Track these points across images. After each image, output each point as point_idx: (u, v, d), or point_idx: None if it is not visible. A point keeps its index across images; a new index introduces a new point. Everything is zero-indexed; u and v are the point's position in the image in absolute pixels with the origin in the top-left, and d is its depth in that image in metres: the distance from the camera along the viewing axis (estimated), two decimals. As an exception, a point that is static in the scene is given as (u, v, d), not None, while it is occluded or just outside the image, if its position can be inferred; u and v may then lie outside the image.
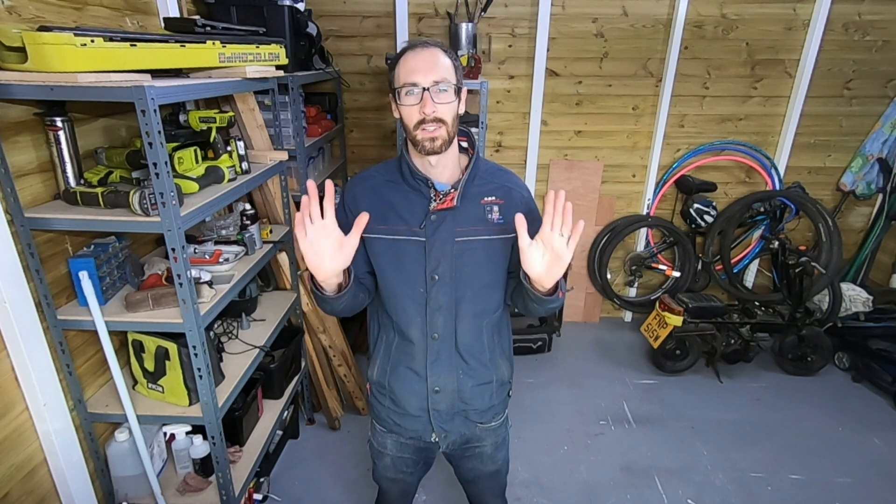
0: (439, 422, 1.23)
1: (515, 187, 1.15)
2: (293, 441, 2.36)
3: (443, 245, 1.09)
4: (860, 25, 2.86)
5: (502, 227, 1.11)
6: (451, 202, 1.08)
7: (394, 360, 1.21)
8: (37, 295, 1.36)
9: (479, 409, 1.24)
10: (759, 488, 2.14)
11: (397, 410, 1.24)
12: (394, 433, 1.29)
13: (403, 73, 1.02)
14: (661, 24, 2.87)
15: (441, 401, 1.20)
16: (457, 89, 1.04)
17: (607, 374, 2.92)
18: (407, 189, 1.11)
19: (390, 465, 1.35)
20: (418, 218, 1.09)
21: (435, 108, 1.00)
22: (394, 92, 1.05)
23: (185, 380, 1.51)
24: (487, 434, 1.30)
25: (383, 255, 1.13)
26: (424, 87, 1.00)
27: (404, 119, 1.04)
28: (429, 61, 1.01)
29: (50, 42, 1.06)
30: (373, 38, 2.89)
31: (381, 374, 1.23)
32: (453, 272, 1.10)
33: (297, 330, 2.24)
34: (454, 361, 1.18)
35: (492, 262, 1.13)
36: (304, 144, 2.21)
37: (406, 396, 1.21)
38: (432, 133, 1.02)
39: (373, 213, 1.10)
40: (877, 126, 3.05)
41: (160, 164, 1.20)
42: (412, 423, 1.24)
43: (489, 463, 1.35)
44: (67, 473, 1.46)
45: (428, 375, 1.18)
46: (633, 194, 3.27)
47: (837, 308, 2.91)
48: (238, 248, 1.80)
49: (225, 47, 1.54)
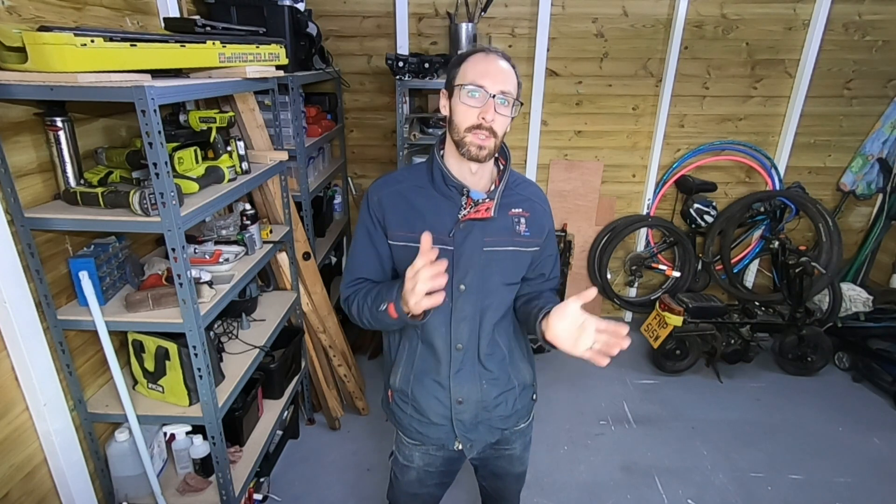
0: (463, 431, 1.21)
1: (539, 201, 1.17)
2: (293, 441, 2.36)
3: (471, 255, 1.08)
4: (860, 25, 2.86)
5: (528, 239, 1.12)
6: (488, 212, 1.06)
7: (417, 368, 1.18)
8: (37, 295, 1.35)
9: (503, 415, 1.23)
10: (759, 488, 2.14)
11: (420, 419, 1.22)
12: (419, 443, 1.26)
13: (473, 73, 1.01)
14: (661, 24, 2.87)
15: (464, 411, 1.18)
16: (514, 107, 1.04)
17: (607, 374, 2.92)
18: (437, 196, 1.09)
19: (415, 480, 1.31)
20: (447, 226, 1.07)
21: (494, 117, 1.00)
22: (452, 88, 1.04)
23: (185, 380, 1.51)
24: (517, 436, 1.30)
25: (410, 263, 1.10)
26: (491, 93, 0.99)
27: (457, 118, 1.03)
28: (503, 70, 1.02)
29: (50, 42, 1.06)
30: (373, 38, 2.89)
31: (403, 382, 1.20)
32: (480, 282, 1.10)
33: (297, 330, 2.24)
34: (477, 371, 1.17)
35: (515, 272, 1.14)
36: (304, 144, 2.21)
37: (429, 405, 1.19)
38: (482, 141, 1.01)
39: (399, 219, 1.09)
40: (877, 126, 3.05)
41: (160, 164, 1.20)
42: (435, 431, 1.22)
43: (517, 464, 1.35)
44: (67, 473, 1.46)
45: (451, 386, 1.16)
46: (633, 194, 3.27)
47: (837, 308, 2.91)
48: (238, 248, 1.80)
49: (225, 47, 1.54)
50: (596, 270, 3.28)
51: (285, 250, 2.14)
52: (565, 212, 3.26)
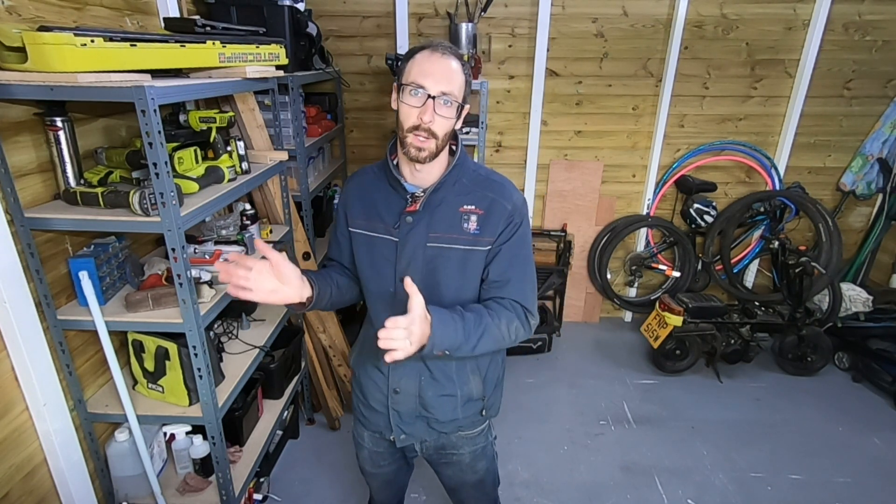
0: (398, 422, 1.22)
1: (500, 199, 1.09)
2: (293, 441, 2.36)
3: (414, 248, 1.08)
4: (860, 25, 2.86)
5: (477, 238, 1.08)
6: (415, 206, 1.07)
7: (364, 352, 1.26)
8: (37, 295, 1.36)
9: (440, 419, 1.21)
10: (759, 488, 2.14)
11: (364, 402, 1.28)
12: (364, 426, 1.31)
13: (416, 72, 0.99)
14: (661, 24, 2.87)
15: (401, 402, 1.20)
16: (459, 108, 1.03)
17: (607, 374, 2.92)
18: (388, 188, 1.12)
19: (367, 457, 1.37)
20: (394, 218, 1.10)
21: (433, 118, 0.99)
22: (400, 86, 1.03)
23: (185, 380, 1.51)
24: (464, 442, 1.28)
25: (361, 250, 1.16)
26: (431, 94, 0.98)
27: (401, 116, 1.03)
28: (444, 70, 0.99)
29: (50, 42, 1.06)
30: (373, 38, 2.89)
31: (355, 363, 1.30)
32: (424, 277, 1.09)
33: (297, 330, 2.24)
34: (416, 366, 1.16)
35: (464, 273, 1.10)
36: (304, 144, 2.21)
37: (370, 390, 1.25)
38: (421, 143, 1.01)
39: (358, 209, 1.15)
40: (877, 126, 3.05)
41: (160, 164, 1.20)
42: (375, 416, 1.26)
43: (469, 472, 1.33)
44: (67, 473, 1.46)
45: (389, 374, 1.19)
46: (633, 194, 3.27)
47: (837, 308, 2.91)
48: (238, 249, 1.79)
49: (225, 47, 1.54)
50: (596, 270, 3.28)
51: (285, 250, 2.14)
52: (565, 212, 3.26)
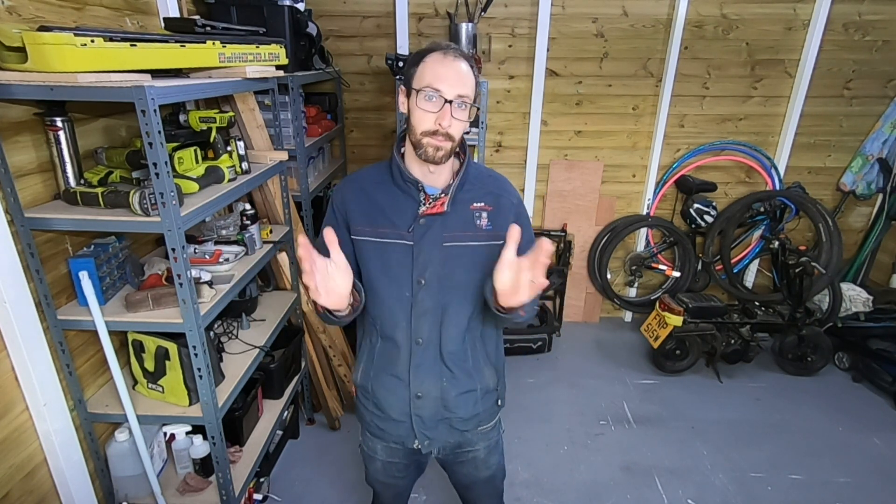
0: (422, 428, 1.21)
1: (505, 194, 1.13)
2: (293, 441, 2.36)
3: (430, 250, 1.08)
4: (860, 25, 2.86)
5: (490, 233, 1.10)
6: (442, 207, 1.07)
7: (377, 364, 1.19)
8: (37, 295, 1.36)
9: (463, 417, 1.22)
10: (759, 488, 2.14)
11: (380, 415, 1.23)
12: (380, 438, 1.28)
13: (430, 76, 0.98)
14: (661, 24, 2.87)
15: (424, 407, 1.18)
16: (471, 111, 1.03)
17: (607, 374, 2.92)
18: (396, 191, 1.10)
19: (381, 469, 1.34)
20: (407, 221, 1.08)
21: (451, 123, 0.99)
22: (411, 90, 1.02)
23: (185, 380, 1.51)
24: (479, 438, 1.29)
25: (370, 257, 1.11)
26: (448, 98, 0.98)
27: (414, 120, 1.02)
28: (458, 73, 0.99)
29: (50, 42, 1.06)
30: (373, 38, 2.89)
31: (364, 378, 1.22)
32: (440, 277, 1.09)
33: (297, 330, 2.24)
34: (437, 368, 1.16)
35: (478, 269, 1.11)
36: (304, 144, 2.21)
37: (389, 401, 1.19)
38: (440, 142, 1.01)
39: (361, 214, 1.11)
40: (877, 126, 3.05)
41: (160, 164, 1.20)
42: (395, 428, 1.22)
43: (483, 468, 1.33)
44: (67, 473, 1.46)
45: (410, 380, 1.16)
46: (633, 194, 3.27)
47: (837, 308, 2.91)
48: (238, 248, 1.80)
49: (225, 47, 1.54)
50: (596, 270, 3.28)
51: (285, 250, 2.14)
52: (565, 212, 3.26)
